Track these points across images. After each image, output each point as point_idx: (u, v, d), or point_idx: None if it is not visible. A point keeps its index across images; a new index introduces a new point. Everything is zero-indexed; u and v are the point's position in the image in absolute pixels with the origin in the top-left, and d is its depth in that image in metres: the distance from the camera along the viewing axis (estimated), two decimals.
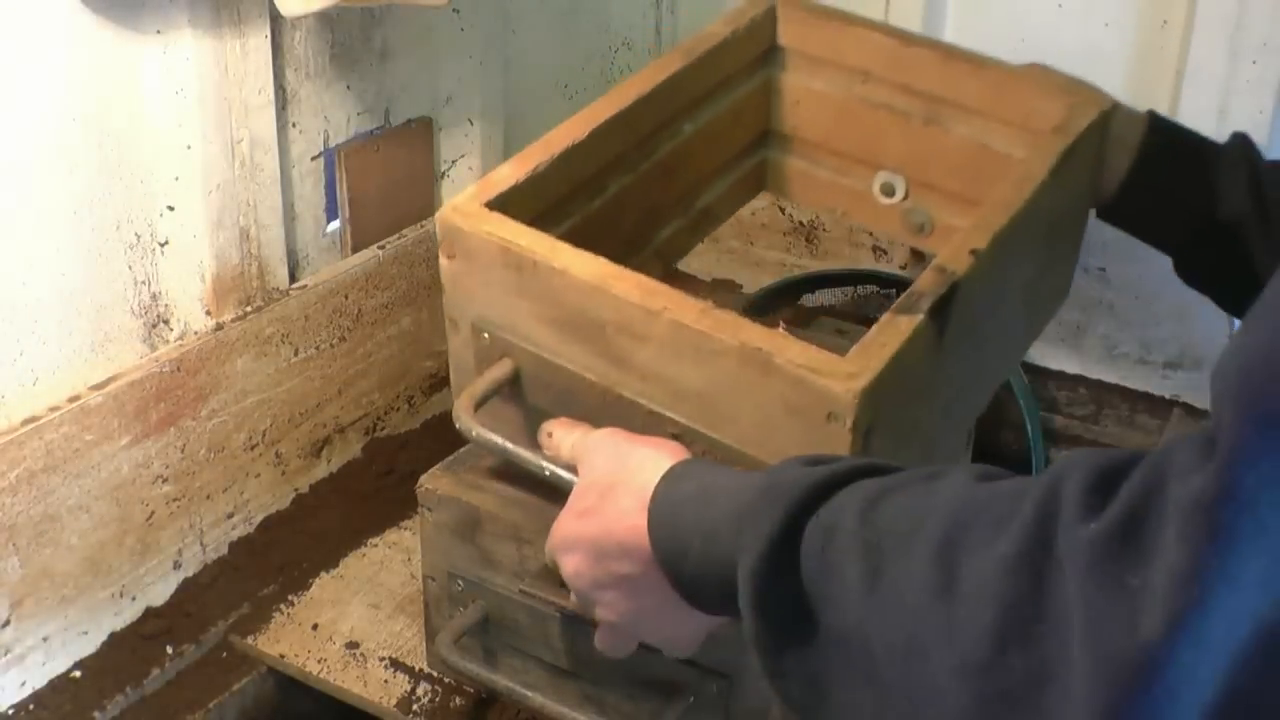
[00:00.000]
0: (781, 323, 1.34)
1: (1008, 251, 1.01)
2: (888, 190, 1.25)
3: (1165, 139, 1.15)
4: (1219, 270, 1.16)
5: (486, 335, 0.98)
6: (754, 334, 0.87)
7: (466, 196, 0.98)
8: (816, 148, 1.28)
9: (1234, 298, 1.18)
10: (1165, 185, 1.14)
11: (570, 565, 0.85)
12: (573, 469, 0.89)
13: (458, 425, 0.95)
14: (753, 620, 0.70)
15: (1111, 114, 1.14)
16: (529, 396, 0.98)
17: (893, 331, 0.88)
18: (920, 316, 0.89)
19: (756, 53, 1.23)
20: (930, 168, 1.22)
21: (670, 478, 0.80)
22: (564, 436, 0.91)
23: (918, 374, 0.92)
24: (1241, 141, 1.16)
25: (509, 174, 1.01)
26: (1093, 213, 1.20)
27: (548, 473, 0.91)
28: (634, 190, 1.13)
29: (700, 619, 0.83)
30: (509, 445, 0.94)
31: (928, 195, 1.24)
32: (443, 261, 0.98)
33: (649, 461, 0.82)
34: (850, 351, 0.86)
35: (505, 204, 0.98)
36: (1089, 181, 1.15)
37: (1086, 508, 0.56)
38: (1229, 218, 1.12)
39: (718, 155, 1.24)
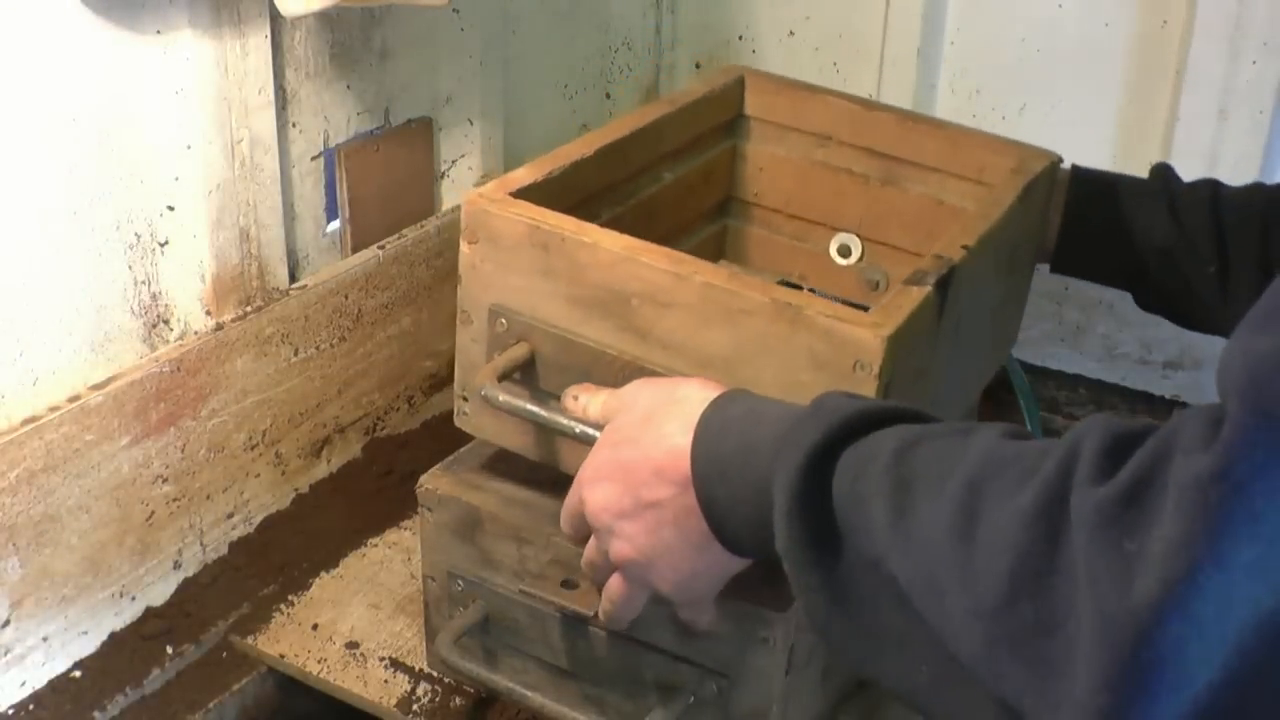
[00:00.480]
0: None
1: (985, 259, 1.06)
2: (844, 252, 1.31)
3: (1088, 189, 1.22)
4: (1168, 296, 1.23)
5: (504, 321, 1.00)
6: (782, 292, 0.93)
7: (490, 187, 1.01)
8: (776, 214, 1.34)
9: (1186, 318, 1.24)
10: (1095, 231, 1.22)
11: (597, 496, 0.86)
12: (601, 427, 0.90)
13: (483, 394, 0.96)
14: (784, 532, 0.72)
15: (1056, 166, 1.21)
16: (543, 382, 1.00)
17: (906, 297, 0.94)
18: (929, 288, 0.95)
19: (726, 118, 1.31)
20: (886, 226, 1.29)
21: (719, 403, 0.82)
22: (591, 398, 0.93)
23: (922, 348, 0.96)
24: (1161, 172, 1.22)
25: (525, 176, 1.04)
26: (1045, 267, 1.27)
27: (578, 430, 0.92)
28: (622, 222, 1.17)
29: (719, 563, 0.84)
30: (537, 408, 0.95)
31: (883, 253, 1.30)
32: (463, 249, 1.00)
33: (696, 392, 0.84)
34: (871, 309, 0.92)
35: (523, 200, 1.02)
36: (1038, 229, 1.22)
37: (1099, 470, 0.58)
38: (1160, 246, 1.19)
39: (690, 209, 1.30)
